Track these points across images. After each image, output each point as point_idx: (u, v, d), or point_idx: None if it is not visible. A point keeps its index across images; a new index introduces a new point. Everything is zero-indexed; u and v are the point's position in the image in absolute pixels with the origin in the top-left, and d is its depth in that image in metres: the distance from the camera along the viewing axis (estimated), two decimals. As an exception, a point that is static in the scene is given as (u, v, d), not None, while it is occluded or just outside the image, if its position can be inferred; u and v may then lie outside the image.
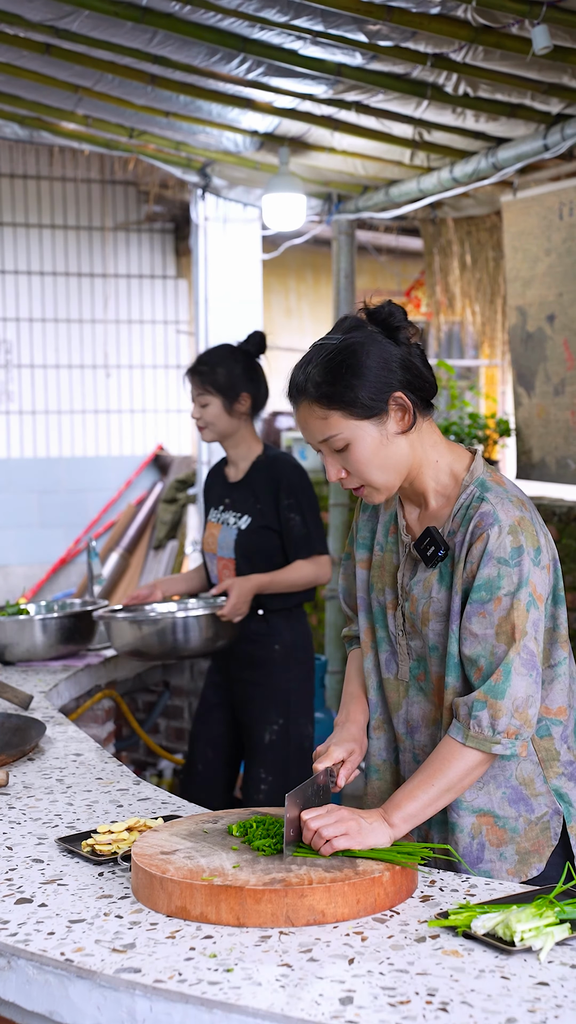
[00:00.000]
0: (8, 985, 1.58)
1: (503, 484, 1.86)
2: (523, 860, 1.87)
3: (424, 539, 1.86)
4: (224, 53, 4.21)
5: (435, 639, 1.87)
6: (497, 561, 1.77)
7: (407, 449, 1.84)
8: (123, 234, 8.14)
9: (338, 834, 1.72)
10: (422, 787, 1.78)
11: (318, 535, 3.42)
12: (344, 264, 6.02)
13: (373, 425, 1.80)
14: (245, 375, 3.45)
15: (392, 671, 1.96)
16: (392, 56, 3.98)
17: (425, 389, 1.85)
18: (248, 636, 3.45)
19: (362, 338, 1.82)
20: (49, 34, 4.33)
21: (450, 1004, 1.39)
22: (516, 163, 4.70)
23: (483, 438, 5.87)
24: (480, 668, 1.79)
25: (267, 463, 3.46)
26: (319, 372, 1.81)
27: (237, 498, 3.48)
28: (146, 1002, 1.45)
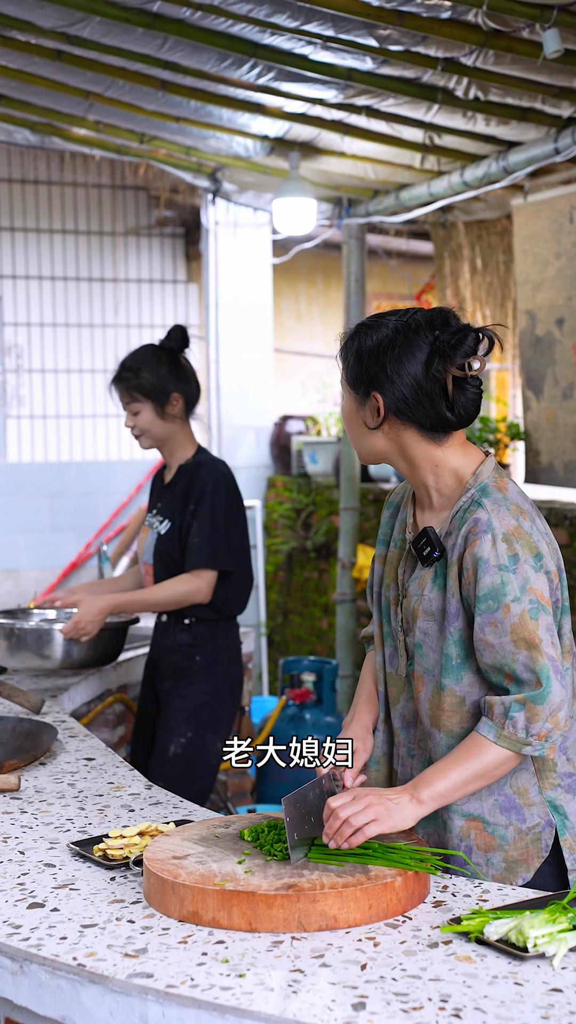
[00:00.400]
0: (21, 990, 1.58)
1: (505, 491, 1.84)
2: (510, 868, 1.86)
3: (421, 538, 1.89)
4: (235, 58, 4.22)
5: (421, 636, 1.89)
6: (498, 568, 1.77)
7: (386, 445, 1.89)
8: (134, 239, 8.16)
9: (367, 820, 1.71)
10: (454, 767, 1.77)
11: (211, 548, 3.17)
12: (354, 268, 6.02)
13: (353, 399, 1.90)
14: (172, 374, 3.25)
15: (394, 666, 1.99)
16: (402, 60, 3.98)
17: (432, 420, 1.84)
18: (173, 646, 3.29)
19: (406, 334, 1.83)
20: (60, 40, 4.35)
21: (463, 1010, 1.38)
22: (527, 167, 4.70)
23: (494, 442, 5.87)
24: (508, 675, 1.78)
25: (191, 468, 3.28)
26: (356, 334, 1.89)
27: (165, 503, 3.32)
28: (158, 1007, 1.45)
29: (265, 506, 7.11)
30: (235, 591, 3.29)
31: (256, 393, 7.02)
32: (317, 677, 5.27)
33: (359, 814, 1.71)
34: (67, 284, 8.00)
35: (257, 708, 5.60)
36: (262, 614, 7.03)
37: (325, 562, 6.66)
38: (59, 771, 2.43)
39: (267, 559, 7.13)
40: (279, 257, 7.11)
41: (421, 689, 1.90)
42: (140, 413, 3.24)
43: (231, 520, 3.23)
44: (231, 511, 3.23)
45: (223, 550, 3.19)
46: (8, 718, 2.64)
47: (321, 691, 5.24)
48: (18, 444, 7.92)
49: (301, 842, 1.74)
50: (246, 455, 7.05)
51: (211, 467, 3.26)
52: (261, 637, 6.97)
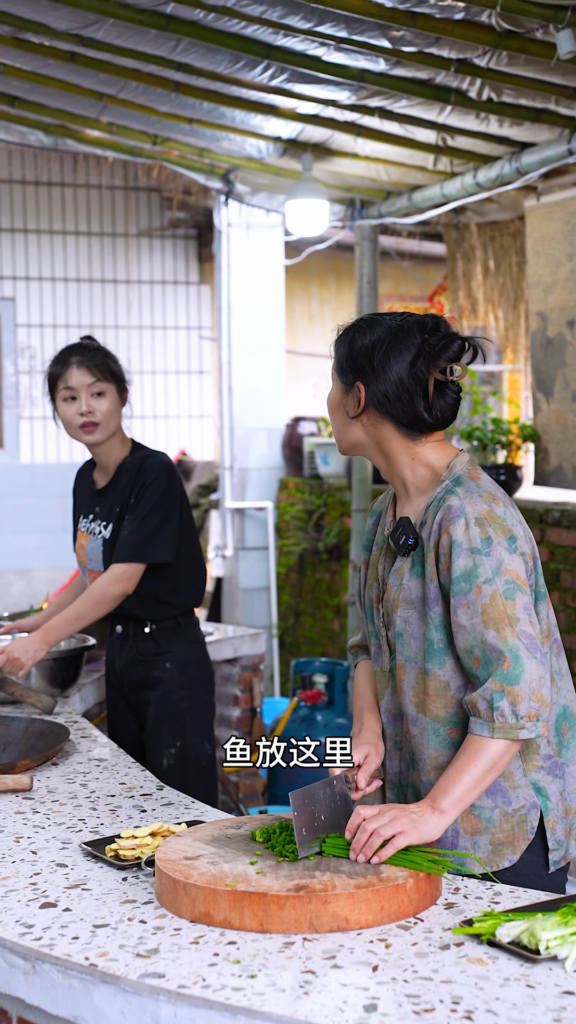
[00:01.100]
0: (33, 989, 1.59)
1: (478, 480, 1.91)
2: (496, 851, 1.88)
3: (397, 528, 1.94)
4: (248, 60, 4.22)
5: (402, 625, 1.92)
6: (470, 552, 1.82)
7: (364, 437, 1.96)
8: (147, 240, 8.18)
9: (395, 832, 1.72)
10: (464, 770, 1.79)
11: (138, 541, 3.01)
12: (367, 269, 6.02)
13: (339, 387, 1.98)
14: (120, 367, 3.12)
15: (379, 664, 2.02)
16: (416, 62, 3.98)
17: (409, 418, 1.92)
18: (138, 657, 3.16)
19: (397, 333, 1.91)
20: (74, 42, 4.36)
21: (475, 1012, 1.38)
22: (540, 168, 4.69)
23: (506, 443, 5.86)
24: (476, 657, 1.81)
25: (134, 464, 3.10)
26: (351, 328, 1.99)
27: (104, 505, 3.13)
28: (170, 1007, 1.45)
29: (277, 507, 7.12)
30: (186, 584, 3.17)
31: (268, 394, 7.03)
32: (329, 678, 5.27)
33: (387, 826, 1.72)
34: (79, 285, 8.02)
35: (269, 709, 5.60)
36: (274, 616, 7.03)
37: (337, 564, 6.66)
38: (71, 771, 2.44)
39: (279, 561, 7.13)
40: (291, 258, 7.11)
41: (404, 678, 1.93)
42: (104, 396, 3.03)
43: (167, 512, 3.05)
44: (166, 502, 3.05)
45: (151, 542, 3.02)
46: (20, 718, 2.65)
47: (333, 692, 5.24)
48: (31, 445, 7.94)
49: (309, 839, 1.75)
50: (258, 456, 7.05)
51: (154, 459, 3.09)
52: (273, 639, 6.97)
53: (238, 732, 4.56)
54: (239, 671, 4.48)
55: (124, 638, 3.19)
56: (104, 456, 3.14)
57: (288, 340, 8.39)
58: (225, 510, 7.00)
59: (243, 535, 7.01)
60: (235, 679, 4.50)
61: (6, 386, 7.92)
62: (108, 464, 3.15)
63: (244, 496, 7.02)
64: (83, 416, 3.04)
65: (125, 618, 3.17)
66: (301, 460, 7.04)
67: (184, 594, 3.18)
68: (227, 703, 4.54)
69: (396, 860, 1.72)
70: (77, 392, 3.03)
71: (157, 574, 3.10)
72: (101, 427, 3.05)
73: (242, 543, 7.00)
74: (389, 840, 1.72)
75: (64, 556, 7.96)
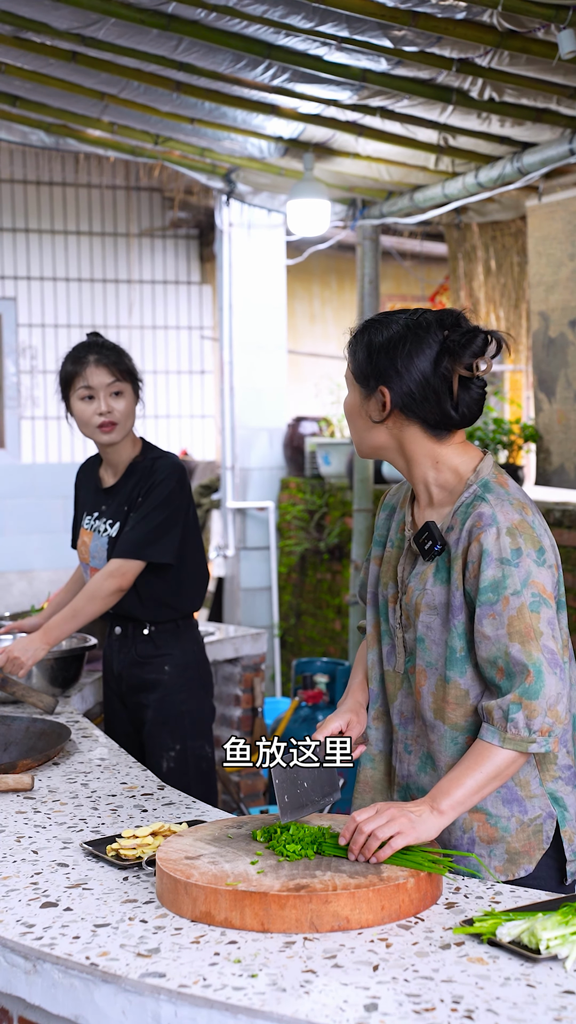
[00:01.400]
0: (34, 989, 1.59)
1: (506, 486, 1.88)
2: (512, 860, 1.87)
3: (423, 533, 1.90)
4: (249, 59, 4.22)
5: (424, 630, 1.90)
6: (499, 562, 1.79)
7: (388, 440, 1.92)
8: (148, 240, 8.18)
9: (392, 833, 1.72)
10: (468, 773, 1.78)
11: (139, 539, 2.98)
12: (368, 269, 6.02)
13: (359, 393, 1.92)
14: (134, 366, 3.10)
15: (392, 664, 2.00)
16: (417, 61, 3.98)
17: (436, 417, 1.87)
18: (136, 660, 3.12)
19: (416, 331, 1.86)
20: (75, 42, 4.37)
21: (475, 1012, 1.38)
22: (541, 168, 4.69)
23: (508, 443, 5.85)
24: (500, 668, 1.80)
25: (146, 464, 3.08)
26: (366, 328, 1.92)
27: (111, 504, 3.10)
28: (171, 1007, 1.45)
29: (278, 507, 7.12)
30: (187, 587, 3.15)
31: (270, 394, 7.03)
32: (330, 678, 5.27)
33: (384, 827, 1.72)
34: (81, 285, 8.02)
35: (270, 709, 5.60)
36: (275, 615, 7.04)
37: (338, 563, 6.66)
38: (72, 771, 2.44)
39: (280, 560, 7.13)
40: (293, 258, 7.11)
41: (423, 683, 1.91)
42: (122, 395, 3.01)
43: (171, 513, 3.03)
44: (174, 504, 3.03)
45: (153, 541, 2.99)
46: (21, 718, 2.65)
47: (334, 692, 5.24)
48: (32, 445, 7.94)
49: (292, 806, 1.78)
50: (259, 456, 7.06)
51: (166, 460, 3.08)
52: (274, 639, 6.98)
53: (239, 732, 4.56)
54: (240, 671, 4.48)
55: (123, 639, 3.16)
56: (115, 455, 3.11)
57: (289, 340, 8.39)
58: (226, 510, 7.00)
59: (244, 535, 7.01)
60: (236, 679, 4.50)
61: (7, 386, 7.93)
62: (118, 463, 3.12)
63: (245, 496, 7.02)
64: (102, 416, 3.00)
65: (124, 619, 3.14)
66: (302, 460, 7.04)
67: (185, 597, 3.16)
68: (228, 703, 4.55)
69: (396, 860, 1.72)
70: (96, 392, 2.99)
71: (159, 575, 3.07)
72: (119, 427, 3.02)
73: (243, 543, 7.00)
74: (387, 841, 1.72)
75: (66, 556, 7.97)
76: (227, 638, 4.40)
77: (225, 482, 7.00)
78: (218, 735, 4.58)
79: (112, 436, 3.03)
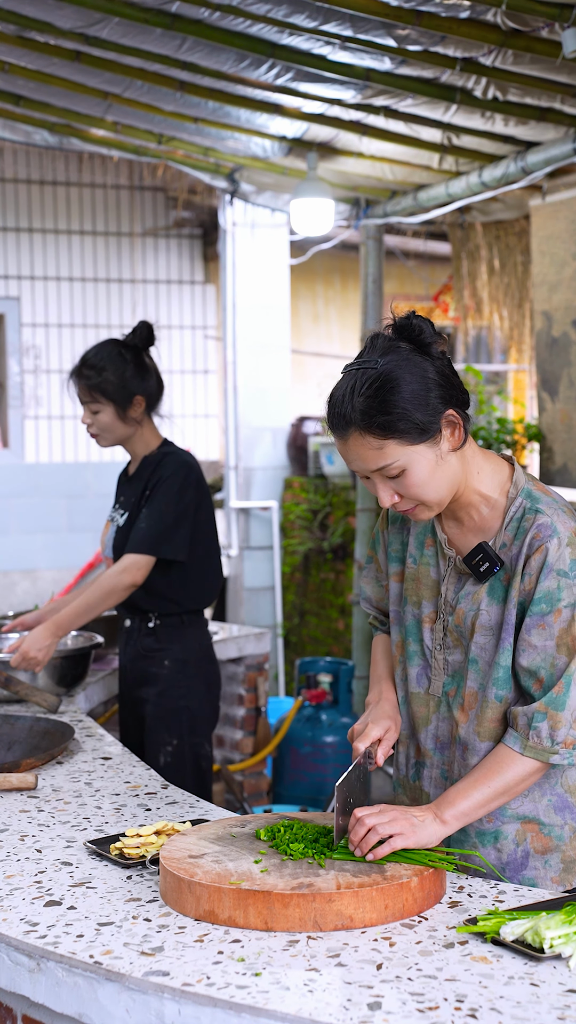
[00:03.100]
0: (38, 987, 1.59)
1: (549, 493, 1.85)
2: (568, 868, 1.86)
3: (476, 554, 1.83)
4: (253, 59, 4.22)
5: (477, 652, 1.85)
6: (557, 573, 1.76)
7: (458, 464, 1.81)
8: (151, 240, 8.18)
9: (394, 832, 1.72)
10: (476, 786, 1.77)
11: (152, 533, 3.03)
12: (372, 269, 6.01)
13: (428, 447, 1.76)
14: (136, 375, 3.11)
15: (423, 685, 1.94)
16: (421, 60, 3.98)
17: (464, 400, 1.82)
18: (140, 652, 3.15)
19: (401, 360, 1.75)
20: (79, 41, 4.37)
21: (479, 1011, 1.38)
22: (545, 167, 4.68)
23: (511, 443, 5.85)
24: (541, 679, 1.78)
25: (155, 459, 3.16)
26: (367, 402, 1.73)
27: (127, 494, 3.21)
28: (174, 1005, 1.45)
29: (282, 507, 7.12)
30: (197, 584, 3.15)
31: (273, 394, 7.03)
32: (333, 678, 5.27)
33: (385, 825, 1.72)
34: (85, 285, 8.02)
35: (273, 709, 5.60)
36: (278, 615, 7.03)
37: (342, 563, 6.66)
38: (76, 770, 2.44)
39: (284, 560, 7.13)
40: (297, 258, 7.11)
41: (473, 706, 1.86)
42: (100, 413, 3.13)
43: (183, 509, 3.08)
44: (185, 500, 3.08)
45: (167, 538, 3.04)
46: (25, 717, 2.65)
47: (337, 692, 5.23)
48: (36, 444, 7.95)
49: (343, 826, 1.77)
50: (263, 456, 7.06)
51: (175, 457, 3.15)
52: (277, 638, 6.97)
53: (243, 731, 4.56)
54: (244, 670, 4.48)
55: (130, 632, 3.20)
56: (131, 449, 3.24)
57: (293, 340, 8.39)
58: (230, 509, 7.00)
59: (248, 535, 7.01)
60: (240, 678, 4.50)
61: (11, 385, 7.93)
62: (135, 456, 3.25)
63: (249, 496, 7.02)
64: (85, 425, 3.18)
65: (132, 611, 3.18)
66: (306, 460, 7.04)
67: (192, 593, 3.17)
68: (232, 702, 4.55)
69: (400, 858, 1.72)
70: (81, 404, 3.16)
71: (166, 570, 3.10)
72: (101, 438, 3.17)
73: (247, 543, 7.00)
74: (387, 840, 1.71)
75: (69, 556, 7.98)
76: (230, 637, 4.40)
77: (228, 482, 7.00)
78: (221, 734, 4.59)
79: (100, 443, 3.19)
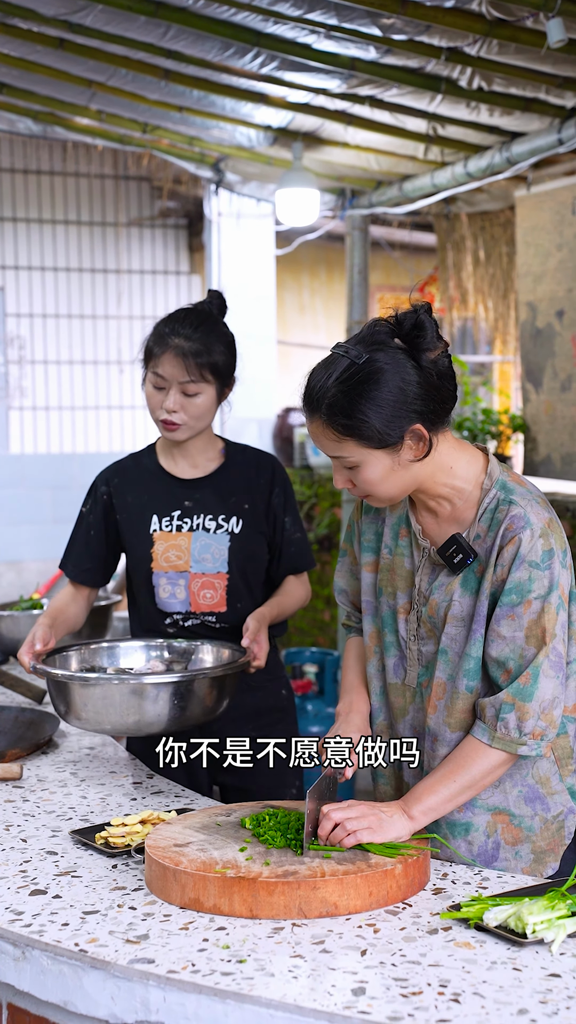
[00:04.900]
0: (23, 976, 1.59)
1: (524, 484, 1.85)
2: (538, 859, 1.87)
3: (450, 546, 1.83)
4: (238, 47, 4.21)
5: (448, 643, 1.85)
6: (529, 565, 1.76)
7: (420, 469, 1.80)
8: (136, 230, 8.15)
9: (361, 828, 1.72)
10: (443, 782, 1.78)
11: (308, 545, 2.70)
12: (358, 260, 6.01)
13: (386, 454, 1.76)
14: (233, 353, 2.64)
15: (400, 676, 1.94)
16: (406, 50, 3.97)
17: (446, 409, 1.80)
18: (248, 687, 2.54)
19: (385, 362, 1.72)
20: (63, 29, 4.34)
21: (462, 995, 1.39)
22: (530, 157, 4.69)
23: (496, 434, 5.86)
24: (509, 670, 1.78)
25: (248, 452, 2.68)
26: (336, 397, 1.74)
27: (207, 497, 2.61)
28: (160, 992, 1.46)
29: (267, 497, 7.11)
30: None
31: (259, 385, 7.02)
32: (319, 668, 5.28)
33: (352, 820, 1.73)
34: (69, 275, 7.99)
35: (259, 699, 5.61)
36: (264, 605, 7.03)
37: (327, 554, 6.67)
38: (61, 760, 2.44)
39: (269, 550, 7.13)
40: (282, 248, 7.10)
41: (441, 697, 1.87)
42: (199, 396, 2.52)
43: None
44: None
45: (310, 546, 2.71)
46: (10, 708, 2.65)
47: (323, 682, 5.25)
48: (20, 436, 7.92)
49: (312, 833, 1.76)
50: (248, 446, 7.05)
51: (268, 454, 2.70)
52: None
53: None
54: (229, 661, 4.47)
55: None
56: (190, 446, 2.63)
57: (279, 331, 8.38)
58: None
59: (233, 525, 7.00)
60: (225, 668, 4.50)
61: (-4, 376, 7.90)
62: (195, 452, 2.64)
63: (234, 486, 7.01)
64: (167, 413, 2.52)
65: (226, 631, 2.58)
66: (292, 450, 7.04)
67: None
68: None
69: (377, 849, 1.72)
70: (168, 384, 2.51)
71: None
72: (184, 428, 2.54)
73: (232, 533, 6.99)
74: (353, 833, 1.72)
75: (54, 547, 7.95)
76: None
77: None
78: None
79: (174, 435, 2.55)
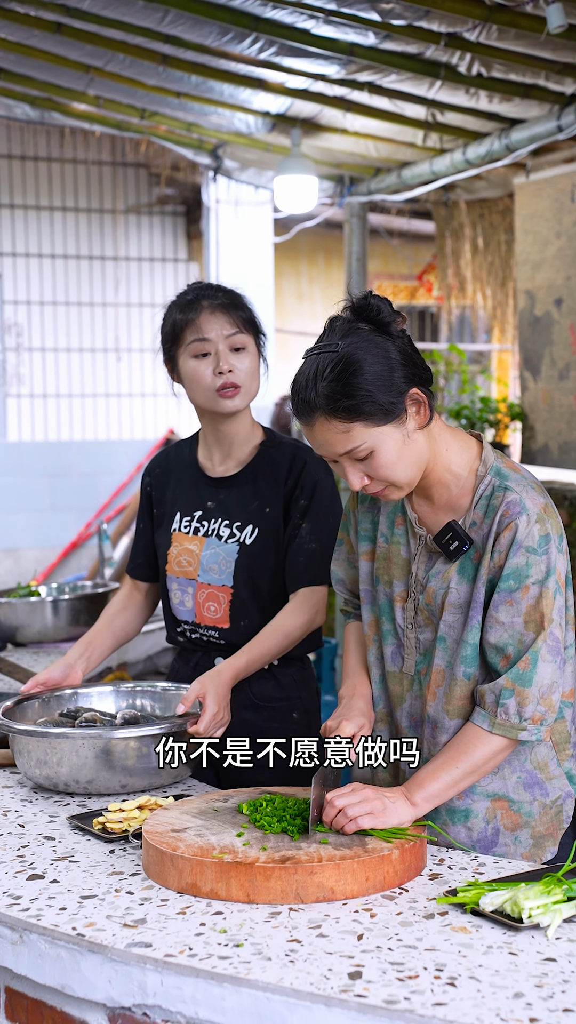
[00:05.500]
0: (21, 959, 1.60)
1: (519, 471, 1.85)
2: (538, 844, 1.87)
3: (446, 533, 1.84)
4: (236, 32, 4.19)
5: (446, 630, 1.85)
6: (526, 550, 1.76)
7: (425, 442, 1.81)
8: (134, 217, 8.13)
9: (363, 813, 1.73)
10: (445, 768, 1.79)
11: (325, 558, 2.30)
12: (356, 247, 6.00)
13: (394, 427, 1.76)
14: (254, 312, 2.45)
15: (398, 664, 1.94)
16: (405, 36, 3.96)
17: (427, 378, 1.82)
18: (252, 704, 2.37)
19: (361, 341, 1.75)
20: (60, 13, 4.32)
21: (458, 979, 1.40)
22: (529, 144, 4.67)
23: (494, 422, 5.86)
24: (507, 656, 1.79)
25: (283, 448, 2.40)
26: (330, 386, 1.73)
27: (229, 499, 2.40)
28: (157, 976, 1.46)
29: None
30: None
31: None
32: (317, 656, 5.29)
33: (355, 806, 1.73)
34: (67, 262, 7.97)
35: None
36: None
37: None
38: (59, 746, 2.44)
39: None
40: (280, 236, 7.08)
41: (440, 684, 1.87)
42: (247, 350, 2.34)
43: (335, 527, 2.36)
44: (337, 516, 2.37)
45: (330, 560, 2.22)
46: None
47: (320, 670, 5.26)
48: (18, 423, 7.91)
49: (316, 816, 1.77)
50: (246, 434, 7.04)
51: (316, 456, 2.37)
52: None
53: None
54: (227, 648, 4.48)
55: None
56: (232, 431, 2.39)
57: (277, 318, 8.36)
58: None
59: (231, 513, 7.00)
60: (223, 656, 4.50)
61: (-7, 363, 7.89)
62: (232, 446, 2.41)
63: (232, 474, 7.01)
64: (222, 375, 2.30)
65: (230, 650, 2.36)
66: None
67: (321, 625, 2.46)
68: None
69: (379, 834, 1.73)
70: (213, 344, 2.31)
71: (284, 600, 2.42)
72: (244, 391, 2.33)
73: (230, 521, 6.99)
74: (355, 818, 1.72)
75: (52, 535, 7.96)
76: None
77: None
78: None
79: (235, 402, 2.32)
